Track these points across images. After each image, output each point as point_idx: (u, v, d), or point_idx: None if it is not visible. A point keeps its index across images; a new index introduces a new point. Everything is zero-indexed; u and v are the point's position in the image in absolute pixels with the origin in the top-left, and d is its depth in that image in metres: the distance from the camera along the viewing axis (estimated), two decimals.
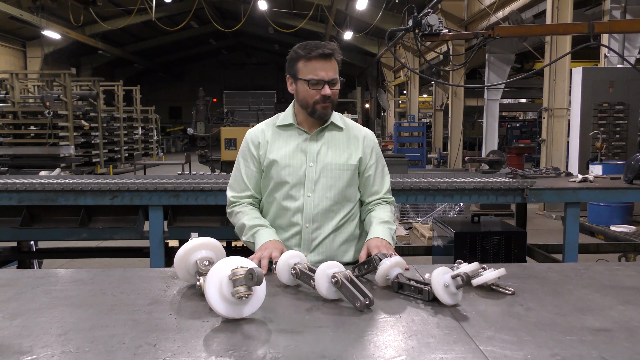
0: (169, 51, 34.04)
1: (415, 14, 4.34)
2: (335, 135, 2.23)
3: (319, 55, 2.06)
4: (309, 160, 2.17)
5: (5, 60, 21.66)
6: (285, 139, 2.22)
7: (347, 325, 1.40)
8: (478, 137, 18.39)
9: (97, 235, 4.13)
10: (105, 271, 1.91)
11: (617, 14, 9.13)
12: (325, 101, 2.11)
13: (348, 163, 2.20)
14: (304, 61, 2.09)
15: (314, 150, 2.18)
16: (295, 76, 2.13)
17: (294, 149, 2.19)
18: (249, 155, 2.25)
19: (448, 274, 1.55)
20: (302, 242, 2.17)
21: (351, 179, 2.21)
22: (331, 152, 2.19)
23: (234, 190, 2.29)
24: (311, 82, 2.08)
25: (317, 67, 2.07)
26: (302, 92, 2.13)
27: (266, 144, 2.22)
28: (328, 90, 2.09)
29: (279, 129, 2.24)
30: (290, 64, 2.15)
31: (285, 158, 2.18)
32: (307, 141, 2.19)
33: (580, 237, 4.01)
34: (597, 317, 1.46)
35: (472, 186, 3.81)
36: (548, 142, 9.66)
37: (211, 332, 1.36)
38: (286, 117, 2.25)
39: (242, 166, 2.27)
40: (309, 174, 2.16)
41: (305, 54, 2.08)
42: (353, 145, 2.23)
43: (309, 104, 2.13)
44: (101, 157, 16.49)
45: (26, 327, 1.37)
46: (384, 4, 16.81)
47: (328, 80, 2.08)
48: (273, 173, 2.19)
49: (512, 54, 13.77)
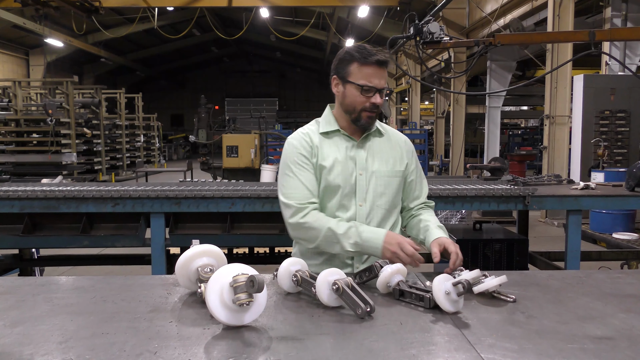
0: (171, 59, 34.14)
1: (417, 22, 4.36)
2: (379, 142, 2.18)
3: (376, 62, 2.00)
4: (359, 168, 2.11)
5: (8, 68, 21.77)
6: (332, 145, 2.13)
7: (348, 333, 1.40)
8: (480, 144, 18.42)
9: (99, 243, 4.13)
10: (106, 279, 1.91)
11: (618, 21, 9.16)
12: (373, 110, 2.06)
13: (394, 170, 2.16)
14: (359, 65, 2.02)
15: (362, 157, 2.12)
16: (345, 79, 2.06)
17: (343, 156, 2.11)
18: (303, 159, 2.10)
19: (449, 281, 1.55)
20: None
21: (399, 186, 2.17)
22: (377, 160, 2.14)
23: (296, 198, 2.06)
24: (364, 88, 2.02)
25: (371, 74, 2.01)
26: (351, 96, 2.06)
27: (316, 148, 2.11)
28: (379, 99, 2.04)
29: (323, 136, 2.15)
30: (341, 64, 2.08)
31: (337, 165, 2.09)
32: (354, 148, 2.13)
33: (582, 245, 3.99)
34: (599, 325, 1.45)
35: (473, 193, 3.81)
36: (550, 149, 9.66)
37: (212, 339, 1.35)
38: (329, 123, 2.16)
39: (298, 172, 2.09)
40: (359, 182, 2.10)
41: (361, 57, 2.01)
42: (396, 152, 2.19)
43: (356, 110, 2.07)
44: (103, 165, 16.51)
45: (27, 335, 1.37)
46: (385, 12, 16.86)
47: (380, 88, 2.03)
48: (325, 180, 2.09)
49: (513, 62, 13.80)
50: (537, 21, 10.91)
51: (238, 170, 10.60)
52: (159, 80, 38.19)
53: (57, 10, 13.36)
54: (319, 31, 22.52)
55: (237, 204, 3.78)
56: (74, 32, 18.04)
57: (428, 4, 14.40)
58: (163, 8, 18.03)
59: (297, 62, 36.46)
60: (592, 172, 7.71)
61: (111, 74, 31.32)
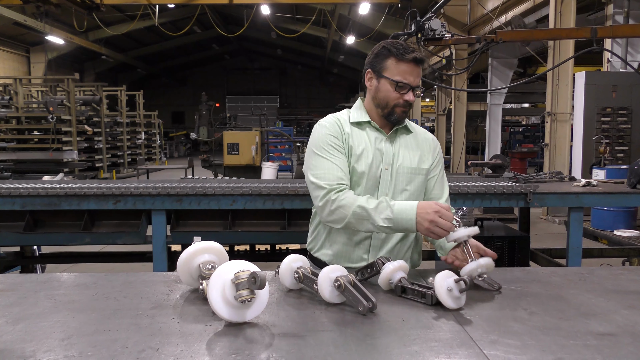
0: (172, 56, 34.14)
1: (418, 19, 4.36)
2: (407, 138, 2.18)
3: (413, 59, 2.00)
4: (385, 162, 2.10)
5: (9, 65, 21.77)
6: (362, 136, 2.12)
7: (350, 329, 1.40)
8: (481, 141, 18.42)
9: (100, 240, 4.13)
10: (108, 276, 1.91)
11: (620, 18, 9.13)
12: (405, 106, 2.06)
13: (420, 167, 2.14)
14: (396, 61, 2.02)
15: (389, 152, 2.12)
16: (380, 73, 2.06)
17: (373, 147, 2.10)
18: (336, 141, 2.08)
19: (451, 278, 1.55)
20: (371, 247, 2.09)
21: (422, 184, 2.15)
22: (403, 156, 2.13)
23: (328, 179, 2.01)
24: (399, 85, 2.02)
25: (407, 71, 2.01)
26: (385, 91, 2.06)
27: (347, 135, 2.10)
28: (412, 96, 2.04)
29: (353, 125, 2.14)
30: (377, 59, 2.07)
31: (366, 155, 2.08)
32: (383, 142, 2.13)
33: (583, 242, 3.99)
34: (601, 322, 1.45)
35: (475, 190, 3.80)
36: (551, 146, 9.65)
37: (214, 336, 1.35)
38: (360, 114, 2.15)
39: (329, 154, 2.05)
40: (383, 176, 2.09)
41: (399, 53, 2.00)
42: (423, 149, 2.18)
43: (389, 105, 2.07)
44: (104, 162, 16.51)
45: (29, 332, 1.37)
46: (386, 9, 16.83)
47: (415, 85, 2.04)
48: (354, 167, 2.07)
49: (515, 59, 13.77)
50: (538, 18, 10.89)
51: (239, 168, 10.61)
52: (160, 78, 38.18)
53: (58, 7, 13.36)
54: (320, 28, 22.50)
55: (238, 201, 3.78)
56: (75, 29, 18.02)
57: (429, 1, 14.37)
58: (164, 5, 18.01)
59: (298, 60, 36.46)
60: (594, 169, 7.67)
61: (112, 71, 31.33)
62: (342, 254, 2.11)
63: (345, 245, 2.11)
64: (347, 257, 2.10)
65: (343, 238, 2.11)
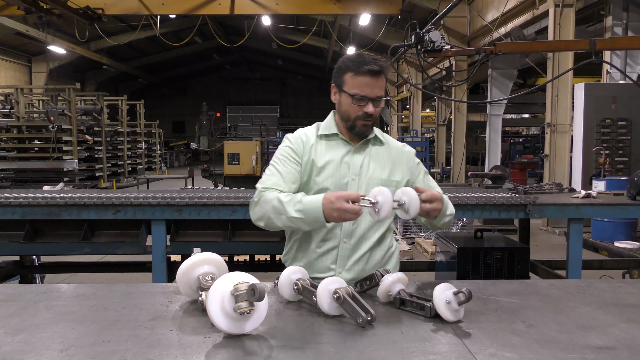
0: (172, 66, 34.24)
1: (418, 30, 4.37)
2: (378, 150, 2.19)
3: (368, 72, 2.00)
4: (352, 173, 2.11)
5: (10, 75, 21.85)
6: (329, 148, 2.15)
7: (348, 342, 1.40)
8: (481, 152, 18.43)
9: (100, 250, 4.13)
10: (107, 286, 1.91)
11: (619, 30, 9.19)
12: (366, 118, 2.07)
13: (390, 179, 2.14)
14: (352, 74, 2.04)
15: (357, 163, 2.13)
16: (341, 87, 2.08)
17: (338, 159, 2.12)
18: (291, 153, 2.13)
19: (450, 290, 1.55)
20: (339, 258, 2.09)
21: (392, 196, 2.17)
22: (373, 167, 2.14)
23: (264, 183, 2.08)
24: (355, 97, 2.04)
25: (364, 83, 2.02)
26: (346, 105, 2.09)
27: (311, 147, 2.14)
28: (371, 108, 2.05)
29: (321, 138, 2.17)
30: (337, 73, 2.10)
31: (329, 167, 2.10)
32: (350, 153, 2.14)
33: (583, 253, 3.99)
34: (600, 335, 1.45)
35: (475, 201, 3.81)
36: (551, 157, 9.66)
37: (213, 347, 1.36)
38: (329, 127, 2.18)
39: (280, 164, 2.12)
40: (350, 187, 2.09)
41: (355, 67, 2.02)
42: (395, 162, 2.19)
43: (350, 119, 2.09)
44: (104, 172, 16.52)
45: (28, 343, 1.37)
46: (386, 20, 16.91)
47: (373, 97, 2.04)
48: (315, 180, 2.10)
49: (514, 70, 13.83)
50: (538, 30, 10.93)
51: (239, 178, 10.62)
52: (161, 88, 38.29)
53: (60, 17, 13.41)
54: (321, 39, 22.60)
55: (238, 212, 3.78)
56: (77, 39, 18.08)
57: (429, 13, 14.45)
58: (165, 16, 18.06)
59: (299, 70, 36.56)
60: (594, 181, 7.70)
61: (113, 81, 31.41)
62: (310, 265, 2.11)
63: (313, 255, 2.11)
64: (315, 267, 2.10)
65: (311, 248, 2.12)
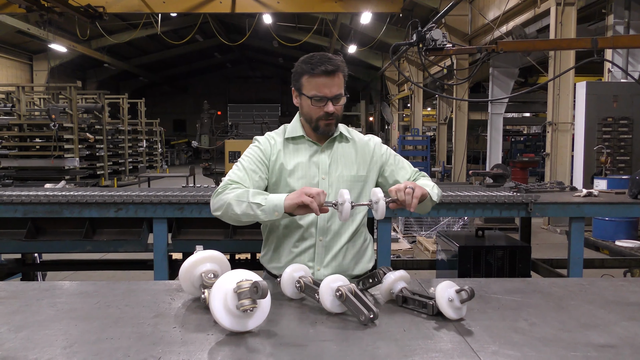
0: (174, 64, 34.23)
1: (419, 29, 4.37)
2: (344, 146, 2.19)
3: (323, 72, 2.00)
4: (321, 172, 2.12)
5: (12, 73, 21.84)
6: (296, 150, 2.16)
7: (351, 339, 1.40)
8: (482, 150, 18.42)
9: (102, 248, 4.13)
10: (110, 284, 1.92)
11: (621, 29, 9.17)
12: (328, 118, 2.07)
13: (358, 174, 2.16)
14: (308, 77, 2.04)
15: (325, 162, 2.14)
16: (300, 90, 2.09)
17: (307, 161, 2.13)
18: (260, 153, 2.14)
19: (452, 288, 1.55)
20: (316, 256, 2.10)
21: (362, 191, 2.16)
22: (341, 164, 2.15)
23: (231, 177, 2.08)
24: (314, 99, 2.04)
25: (320, 84, 2.02)
26: (306, 107, 2.09)
27: (278, 151, 2.15)
28: (331, 108, 2.05)
29: (288, 141, 2.18)
30: (295, 77, 2.11)
31: (299, 169, 2.11)
32: (317, 153, 2.15)
33: (585, 252, 3.99)
34: (602, 333, 1.45)
35: (476, 200, 3.81)
36: (552, 156, 9.65)
37: (216, 345, 1.36)
38: (294, 129, 2.19)
39: (247, 162, 2.12)
40: (321, 186, 2.10)
41: (309, 69, 2.02)
42: (361, 157, 2.20)
43: (312, 120, 2.09)
44: (106, 170, 16.53)
45: (31, 340, 1.38)
46: (387, 19, 16.89)
47: (331, 97, 2.03)
48: (285, 184, 2.11)
49: (516, 68, 13.81)
50: (539, 28, 10.92)
51: None
52: (162, 86, 38.26)
53: (61, 16, 13.41)
54: (322, 37, 22.58)
55: None
56: (78, 37, 18.08)
57: (430, 11, 14.44)
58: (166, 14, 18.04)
59: None
60: (595, 179, 7.70)
61: (114, 79, 31.40)
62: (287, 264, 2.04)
63: (290, 255, 2.13)
64: None
65: (288, 248, 2.14)
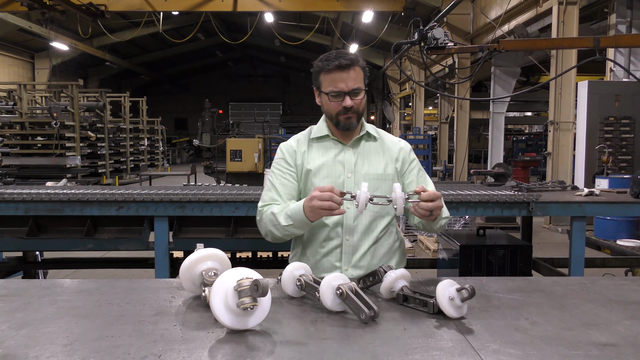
0: (175, 63, 34.24)
1: (421, 28, 4.37)
2: (371, 145, 2.21)
3: (337, 67, 2.04)
4: (347, 171, 2.13)
5: (13, 71, 21.87)
6: (322, 150, 2.18)
7: (351, 338, 1.40)
8: (484, 149, 18.40)
9: (103, 246, 4.14)
10: (111, 282, 1.92)
11: (623, 28, 9.16)
12: (347, 112, 2.09)
13: (385, 173, 2.16)
14: (324, 73, 2.08)
15: (350, 160, 2.15)
16: (319, 89, 2.13)
17: (332, 159, 2.15)
18: (284, 164, 2.19)
19: (453, 287, 1.55)
20: (343, 255, 2.10)
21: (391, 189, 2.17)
22: (367, 163, 2.16)
23: (264, 200, 2.18)
24: (331, 95, 2.07)
25: (336, 79, 2.05)
26: (325, 104, 2.12)
27: (303, 153, 2.18)
28: (349, 102, 2.06)
29: (313, 141, 2.21)
30: (314, 76, 2.15)
31: (324, 169, 2.14)
32: (343, 152, 2.17)
33: (586, 251, 3.98)
34: (603, 332, 1.45)
35: (477, 199, 3.80)
36: (554, 155, 9.64)
37: (216, 343, 1.36)
38: (320, 129, 2.22)
39: (275, 178, 2.19)
40: (347, 185, 2.11)
41: (324, 66, 2.07)
42: (388, 155, 2.20)
43: (333, 116, 2.12)
44: (107, 168, 16.56)
45: (32, 337, 1.38)
46: (389, 17, 16.88)
47: (348, 91, 2.05)
48: (313, 182, 2.13)
49: (517, 67, 13.79)
50: (541, 27, 10.90)
51: (242, 175, 10.60)
52: (164, 84, 38.29)
53: (63, 14, 13.43)
54: (324, 36, 22.57)
55: (240, 208, 3.79)
56: (80, 35, 18.13)
57: (432, 10, 14.42)
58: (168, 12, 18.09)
59: (301, 67, 36.44)
60: (597, 179, 7.69)
61: (116, 77, 31.44)
62: (316, 265, 2.12)
63: (317, 255, 2.13)
64: (321, 267, 2.12)
65: (315, 249, 2.14)
